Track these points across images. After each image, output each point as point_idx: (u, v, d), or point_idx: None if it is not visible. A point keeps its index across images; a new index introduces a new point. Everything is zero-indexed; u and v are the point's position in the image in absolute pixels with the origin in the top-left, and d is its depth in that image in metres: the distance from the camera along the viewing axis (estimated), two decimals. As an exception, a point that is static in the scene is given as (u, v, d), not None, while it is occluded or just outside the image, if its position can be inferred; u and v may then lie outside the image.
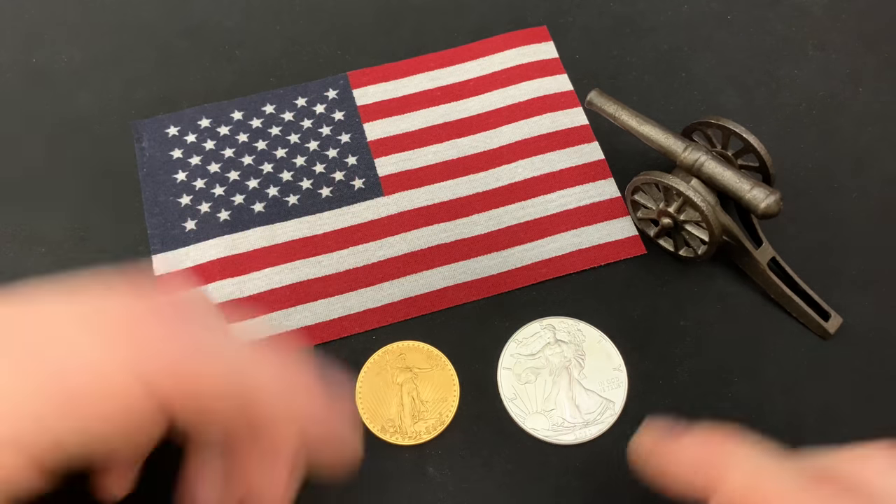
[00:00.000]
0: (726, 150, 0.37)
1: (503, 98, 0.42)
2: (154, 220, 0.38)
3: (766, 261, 0.35)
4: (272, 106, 0.42)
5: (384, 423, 0.33)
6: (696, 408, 0.34)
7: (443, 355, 0.35)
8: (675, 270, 0.37)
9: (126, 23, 0.45)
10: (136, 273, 0.37)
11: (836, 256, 0.37)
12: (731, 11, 0.45)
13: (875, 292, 0.36)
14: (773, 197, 0.33)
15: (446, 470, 0.33)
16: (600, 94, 0.38)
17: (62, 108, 0.42)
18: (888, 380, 0.35)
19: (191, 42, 0.44)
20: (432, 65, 0.43)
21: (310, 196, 0.39)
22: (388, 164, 0.40)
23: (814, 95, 0.42)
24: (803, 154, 0.40)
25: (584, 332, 0.35)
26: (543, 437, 0.33)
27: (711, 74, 0.43)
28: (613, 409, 0.34)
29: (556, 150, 0.40)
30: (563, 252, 0.37)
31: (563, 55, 0.43)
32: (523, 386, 0.34)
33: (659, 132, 0.36)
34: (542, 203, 0.39)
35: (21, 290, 0.22)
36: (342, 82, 0.42)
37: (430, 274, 0.37)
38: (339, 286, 0.36)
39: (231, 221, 0.38)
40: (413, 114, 0.42)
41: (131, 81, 0.42)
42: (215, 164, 0.40)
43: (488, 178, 0.40)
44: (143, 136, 0.41)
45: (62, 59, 0.43)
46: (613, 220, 0.38)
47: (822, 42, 0.44)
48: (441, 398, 0.34)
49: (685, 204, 0.34)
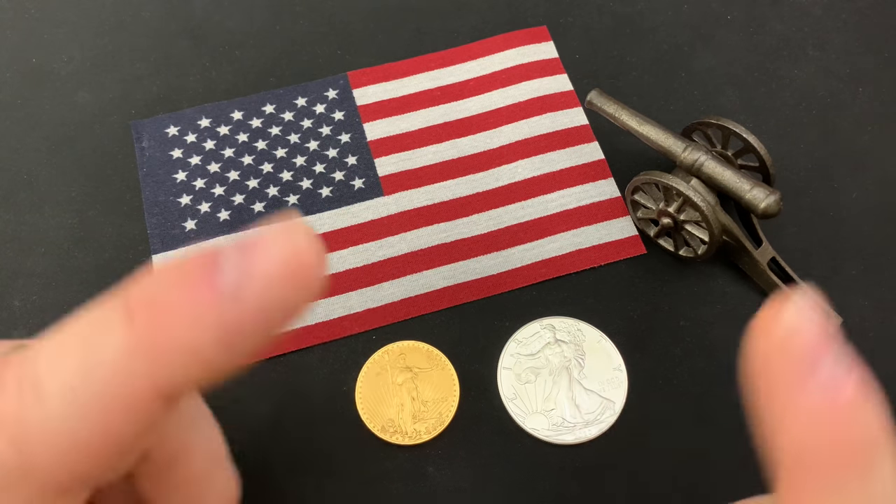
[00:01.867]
0: (726, 150, 0.37)
1: (503, 98, 0.42)
2: (154, 220, 0.38)
3: (766, 261, 0.36)
4: (272, 106, 0.42)
5: (384, 423, 0.33)
6: (697, 408, 0.34)
7: (443, 355, 0.35)
8: (675, 270, 0.37)
9: (126, 23, 0.45)
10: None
11: (836, 256, 0.37)
12: (731, 11, 0.45)
13: (875, 292, 0.36)
14: (773, 197, 0.33)
15: (446, 470, 0.33)
16: (600, 94, 0.38)
17: (62, 108, 0.42)
18: (888, 380, 0.35)
19: (191, 42, 0.44)
20: (432, 65, 0.43)
21: (310, 196, 0.39)
22: (388, 164, 0.40)
23: (814, 95, 0.42)
24: (803, 154, 0.40)
25: (584, 332, 0.35)
26: (543, 437, 0.33)
27: (711, 74, 0.43)
28: (613, 409, 0.34)
29: (556, 149, 0.40)
30: (563, 252, 0.37)
31: (563, 55, 0.43)
32: (523, 386, 0.34)
33: (659, 132, 0.36)
34: (542, 203, 0.39)
35: None
36: (342, 82, 0.42)
37: (430, 274, 0.37)
38: (339, 286, 0.36)
39: (231, 221, 0.38)
40: (413, 114, 0.42)
41: (131, 81, 0.42)
42: (215, 164, 0.40)
43: (488, 178, 0.40)
44: (143, 136, 0.41)
45: (62, 59, 0.43)
46: (613, 220, 0.38)
47: (822, 42, 0.44)
48: (441, 398, 0.34)
49: (685, 204, 0.34)
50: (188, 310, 0.14)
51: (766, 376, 0.16)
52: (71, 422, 0.14)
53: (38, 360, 0.15)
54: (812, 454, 0.15)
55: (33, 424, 0.14)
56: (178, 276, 0.14)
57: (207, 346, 0.14)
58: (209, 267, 0.14)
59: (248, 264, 0.14)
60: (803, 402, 0.15)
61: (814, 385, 0.15)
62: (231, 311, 0.14)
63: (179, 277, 0.14)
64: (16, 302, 0.36)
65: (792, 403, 0.15)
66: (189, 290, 0.14)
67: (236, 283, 0.14)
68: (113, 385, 0.14)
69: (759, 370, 0.16)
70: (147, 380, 0.14)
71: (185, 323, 0.14)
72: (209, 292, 0.14)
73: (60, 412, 0.14)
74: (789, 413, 0.15)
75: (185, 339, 0.14)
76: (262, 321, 0.14)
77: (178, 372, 0.14)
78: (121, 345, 0.14)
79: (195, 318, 0.14)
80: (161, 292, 0.14)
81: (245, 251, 0.14)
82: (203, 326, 0.14)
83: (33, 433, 0.14)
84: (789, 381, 0.15)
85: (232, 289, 0.14)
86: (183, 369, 0.14)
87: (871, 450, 0.15)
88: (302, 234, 0.15)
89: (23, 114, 0.41)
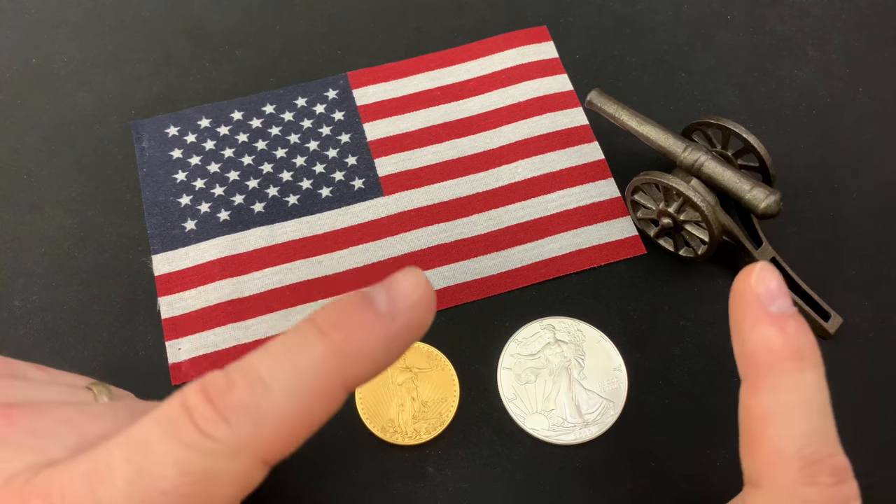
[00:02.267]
0: (726, 150, 0.37)
1: (503, 98, 0.42)
2: (154, 220, 0.38)
3: (766, 261, 0.35)
4: (272, 106, 0.42)
5: (384, 423, 0.33)
6: (697, 408, 0.34)
7: (443, 355, 0.35)
8: (675, 270, 0.37)
9: (126, 23, 0.45)
10: (136, 273, 0.37)
11: (836, 256, 0.37)
12: (731, 11, 0.45)
13: (875, 292, 0.36)
14: (773, 197, 0.33)
15: (446, 470, 0.33)
16: (600, 94, 0.38)
17: (62, 108, 0.42)
18: (888, 380, 0.35)
19: (191, 42, 0.44)
20: (432, 65, 0.43)
21: (310, 196, 0.39)
22: (388, 164, 0.40)
23: (814, 95, 0.42)
24: (803, 154, 0.40)
25: (584, 332, 0.35)
26: (543, 437, 0.33)
27: (711, 74, 0.43)
28: (613, 409, 0.34)
29: (556, 150, 0.40)
30: (563, 252, 0.37)
31: (563, 55, 0.43)
32: (523, 386, 0.34)
33: (659, 132, 0.36)
34: (542, 203, 0.39)
35: None
36: (342, 82, 0.42)
37: (430, 274, 0.37)
38: (339, 286, 0.36)
39: (231, 221, 0.38)
40: (413, 114, 0.42)
41: (131, 81, 0.42)
42: (215, 164, 0.40)
43: (488, 178, 0.40)
44: (143, 136, 0.41)
45: (62, 59, 0.43)
46: (613, 220, 0.38)
47: (822, 42, 0.44)
48: (441, 398, 0.34)
49: (685, 204, 0.34)
50: (363, 326, 0.21)
51: (740, 306, 0.24)
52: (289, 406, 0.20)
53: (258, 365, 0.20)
54: (764, 356, 0.23)
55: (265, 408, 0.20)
56: (348, 306, 0.21)
57: (377, 350, 0.21)
58: (367, 298, 0.21)
59: (394, 296, 0.21)
60: (762, 322, 0.24)
61: (770, 311, 0.24)
62: (390, 326, 0.21)
63: (351, 307, 0.21)
64: (16, 302, 0.36)
65: (755, 322, 0.24)
66: (361, 314, 0.21)
67: (390, 308, 0.21)
68: (316, 380, 0.20)
69: (735, 302, 0.25)
70: (338, 376, 0.20)
71: (363, 335, 0.21)
72: (374, 315, 0.21)
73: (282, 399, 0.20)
74: (753, 329, 0.24)
75: (363, 346, 0.21)
76: (409, 332, 0.21)
77: (359, 369, 0.21)
78: (320, 352, 0.20)
79: (368, 332, 0.21)
80: (341, 317, 0.21)
81: (388, 288, 0.22)
82: (374, 337, 0.21)
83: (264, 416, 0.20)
84: (755, 309, 0.24)
85: (389, 312, 0.21)
86: (362, 367, 0.21)
87: (802, 357, 0.23)
88: (421, 274, 0.22)
89: (23, 114, 0.41)
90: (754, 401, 0.24)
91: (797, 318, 0.24)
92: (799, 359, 0.23)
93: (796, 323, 0.24)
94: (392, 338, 0.21)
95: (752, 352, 0.24)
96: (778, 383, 0.23)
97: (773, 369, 0.23)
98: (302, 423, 0.20)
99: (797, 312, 0.24)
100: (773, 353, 0.23)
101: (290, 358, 0.20)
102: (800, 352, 0.23)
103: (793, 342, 0.23)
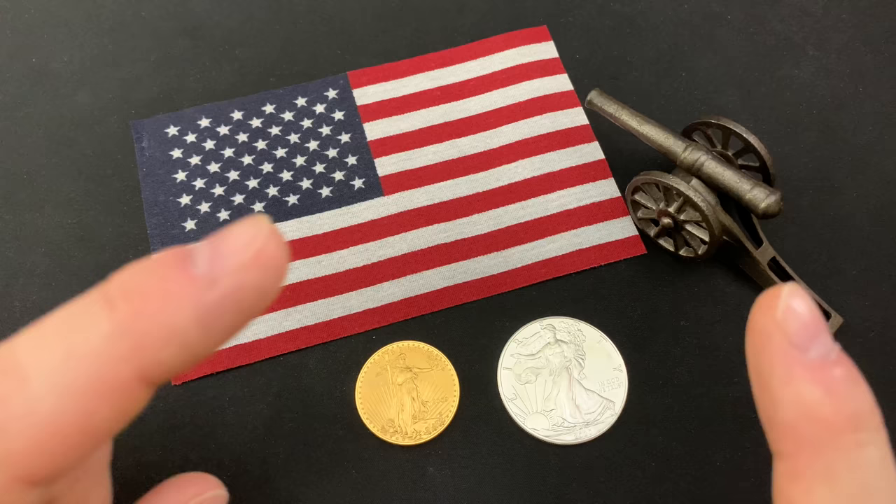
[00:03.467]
0: (726, 150, 0.37)
1: (503, 98, 0.42)
2: (154, 219, 0.38)
3: (766, 261, 0.36)
4: (272, 106, 0.42)
5: (384, 423, 0.33)
6: (697, 408, 0.34)
7: (443, 355, 0.35)
8: (675, 270, 0.37)
9: (126, 23, 0.45)
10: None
11: (836, 256, 0.37)
12: (731, 11, 0.45)
13: (875, 292, 0.36)
14: (773, 197, 0.33)
15: (446, 470, 0.33)
16: (600, 94, 0.38)
17: (62, 108, 0.42)
18: (888, 380, 0.35)
19: (191, 42, 0.44)
20: (432, 65, 0.43)
21: (310, 196, 0.39)
22: (388, 164, 0.40)
23: (814, 95, 0.42)
24: (803, 154, 0.40)
25: (584, 332, 0.35)
26: (543, 437, 0.33)
27: (711, 74, 0.43)
28: (613, 409, 0.34)
29: (556, 149, 0.40)
30: (563, 252, 0.37)
31: (563, 55, 0.43)
32: (523, 386, 0.34)
33: (659, 132, 0.36)
34: (542, 203, 0.39)
35: None
36: (342, 82, 0.42)
37: (430, 274, 0.37)
38: (339, 286, 0.36)
39: (231, 221, 0.38)
40: (413, 114, 0.42)
41: (131, 81, 0.42)
42: (215, 164, 0.40)
43: (488, 178, 0.40)
44: (143, 136, 0.41)
45: (62, 59, 0.43)
46: (613, 220, 0.38)
47: (822, 42, 0.44)
48: (441, 398, 0.34)
49: (685, 204, 0.34)
50: (166, 294, 0.15)
51: (764, 350, 0.17)
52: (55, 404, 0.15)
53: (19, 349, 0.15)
54: (807, 428, 0.17)
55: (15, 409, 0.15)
56: (153, 267, 0.16)
57: (187, 327, 0.15)
58: (183, 257, 0.16)
59: (218, 253, 0.16)
60: (799, 376, 0.17)
61: (808, 361, 0.17)
62: (208, 294, 0.16)
63: (155, 268, 0.16)
64: (16, 302, 0.36)
65: (789, 377, 0.17)
66: (165, 277, 0.16)
67: (209, 269, 0.16)
68: (97, 368, 0.15)
69: (757, 344, 0.18)
70: (129, 363, 0.15)
71: (164, 306, 0.15)
72: (185, 278, 0.15)
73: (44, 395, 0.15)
74: (786, 387, 0.17)
75: (164, 322, 0.15)
76: (237, 303, 0.16)
77: (159, 354, 0.16)
78: (104, 330, 0.15)
79: (173, 302, 0.15)
80: (139, 282, 0.16)
81: (215, 243, 0.16)
82: (181, 309, 0.15)
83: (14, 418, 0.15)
84: (786, 357, 0.17)
85: (207, 274, 0.16)
86: (164, 351, 0.15)
87: (861, 426, 0.17)
88: (264, 225, 0.16)
89: (23, 114, 0.41)
90: (800, 492, 0.17)
91: (844, 362, 0.17)
92: (857, 429, 0.17)
93: (844, 371, 0.17)
94: (209, 311, 0.16)
95: (789, 421, 0.17)
96: (832, 468, 0.16)
97: (822, 448, 0.17)
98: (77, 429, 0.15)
99: (841, 351, 0.18)
100: (819, 424, 0.17)
101: (63, 338, 0.15)
102: (857, 418, 0.17)
103: (846, 405, 0.17)
